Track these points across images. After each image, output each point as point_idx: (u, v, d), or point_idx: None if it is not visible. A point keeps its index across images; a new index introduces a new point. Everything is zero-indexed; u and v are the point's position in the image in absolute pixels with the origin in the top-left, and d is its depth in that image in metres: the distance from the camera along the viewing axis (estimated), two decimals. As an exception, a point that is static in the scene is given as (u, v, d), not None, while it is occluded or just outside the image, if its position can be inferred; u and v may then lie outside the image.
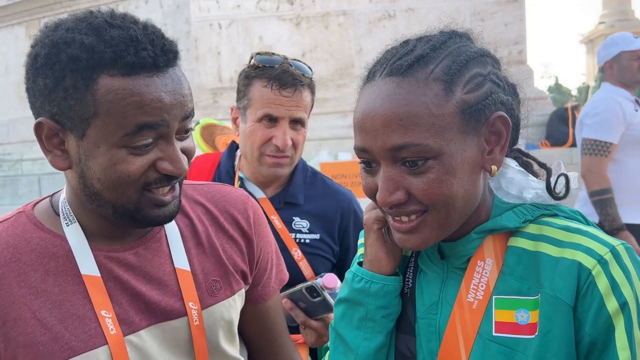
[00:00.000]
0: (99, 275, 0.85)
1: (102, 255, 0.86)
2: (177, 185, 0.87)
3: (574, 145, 5.80)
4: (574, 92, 21.72)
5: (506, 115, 0.78)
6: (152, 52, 0.78)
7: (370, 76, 0.80)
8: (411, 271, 0.89)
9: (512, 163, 0.85)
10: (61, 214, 0.88)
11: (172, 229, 0.94)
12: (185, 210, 0.97)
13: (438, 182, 0.74)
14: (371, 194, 0.80)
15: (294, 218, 1.49)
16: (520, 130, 0.86)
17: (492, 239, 0.81)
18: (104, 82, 0.77)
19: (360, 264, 0.89)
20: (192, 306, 0.90)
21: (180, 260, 0.92)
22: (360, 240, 0.95)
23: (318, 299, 1.22)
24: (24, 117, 7.01)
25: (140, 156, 0.79)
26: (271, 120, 1.42)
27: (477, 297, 0.79)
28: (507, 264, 0.79)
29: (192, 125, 0.87)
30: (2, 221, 0.88)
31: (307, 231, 1.49)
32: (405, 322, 0.87)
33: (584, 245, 0.75)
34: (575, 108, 5.17)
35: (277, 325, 1.10)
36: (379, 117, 0.75)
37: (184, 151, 0.85)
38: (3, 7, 6.98)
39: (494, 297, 0.79)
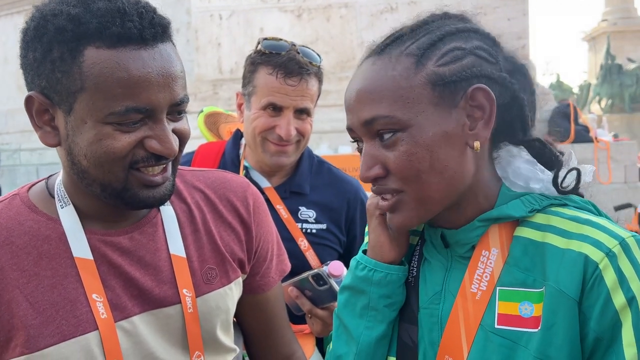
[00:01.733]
0: (91, 258, 0.84)
1: (96, 239, 0.85)
2: (169, 166, 0.84)
3: (575, 141, 5.81)
4: (576, 90, 21.70)
5: (487, 88, 0.74)
6: (139, 24, 0.76)
7: (359, 62, 0.82)
8: (416, 260, 0.87)
9: (522, 152, 0.82)
10: (56, 196, 0.87)
11: (168, 214, 0.92)
12: (183, 196, 0.96)
13: (408, 154, 0.74)
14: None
15: (300, 208, 1.46)
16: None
17: (498, 228, 0.79)
18: (90, 53, 0.75)
19: (365, 252, 0.88)
20: (187, 293, 0.88)
21: (176, 246, 0.90)
22: (367, 229, 0.93)
23: (324, 286, 1.20)
24: (22, 107, 6.98)
25: (127, 133, 0.78)
26: (275, 109, 1.38)
27: (480, 288, 0.77)
28: (512, 254, 0.77)
29: (187, 108, 0.85)
30: None
31: (314, 221, 1.46)
32: (408, 312, 0.85)
33: (592, 237, 0.72)
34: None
35: (277, 316, 1.08)
36: (354, 93, 0.78)
37: (177, 132, 0.82)
38: (2, -5, 6.94)
39: (497, 288, 0.77)
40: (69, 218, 0.85)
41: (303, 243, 1.42)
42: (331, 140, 4.97)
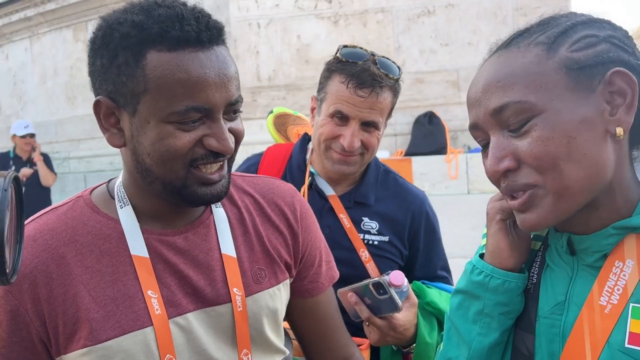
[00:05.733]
0: (147, 256, 0.87)
1: (153, 238, 0.89)
2: (225, 164, 0.88)
3: None
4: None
5: (627, 72, 0.70)
6: (196, 27, 0.80)
7: (481, 63, 0.80)
8: (537, 266, 0.83)
9: None
10: (116, 197, 0.91)
11: (220, 216, 0.95)
12: (234, 199, 0.99)
13: (544, 139, 0.69)
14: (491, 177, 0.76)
15: (363, 218, 1.44)
16: None
17: (636, 239, 0.71)
18: (152, 57, 0.80)
19: (481, 256, 0.85)
20: (237, 292, 0.91)
21: (227, 246, 0.93)
22: (484, 231, 0.89)
23: (384, 296, 1.19)
24: (71, 117, 7.27)
25: (187, 132, 0.81)
26: (342, 118, 1.36)
27: (611, 301, 0.71)
28: None
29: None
30: (61, 205, 0.92)
31: (376, 232, 1.43)
32: (525, 319, 0.81)
33: None
34: None
35: (330, 319, 1.09)
36: (480, 86, 0.75)
37: (232, 132, 0.86)
38: (52, 10, 7.26)
39: (631, 304, 0.70)
40: (127, 217, 0.89)
41: (364, 254, 1.40)
42: (369, 145, 4.95)
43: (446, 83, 4.95)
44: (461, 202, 4.49)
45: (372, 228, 1.43)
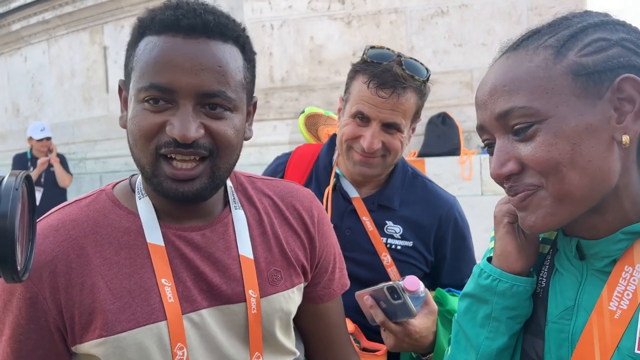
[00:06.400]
0: (162, 244, 0.88)
1: (171, 233, 0.90)
2: (202, 165, 0.85)
3: None
4: None
5: (637, 78, 0.68)
6: (182, 15, 0.82)
7: (491, 63, 0.79)
8: (546, 270, 0.82)
9: None
10: (136, 190, 0.93)
11: (239, 216, 0.96)
12: (253, 201, 0.99)
13: (547, 145, 0.68)
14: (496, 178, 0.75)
15: (386, 222, 1.41)
16: None
17: None
18: (144, 40, 0.85)
19: (489, 259, 0.84)
20: (252, 294, 0.91)
21: (245, 247, 0.94)
22: (492, 234, 0.89)
23: (399, 301, 1.17)
24: (87, 118, 7.36)
25: (154, 113, 0.82)
26: (363, 118, 1.34)
27: (620, 307, 0.70)
28: None
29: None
30: (84, 197, 0.94)
31: (400, 237, 1.40)
32: (534, 324, 0.80)
33: None
34: None
35: (337, 327, 1.09)
36: (487, 88, 0.75)
37: (211, 131, 0.83)
38: (69, 13, 7.36)
39: None
40: (145, 208, 0.91)
41: (386, 258, 1.38)
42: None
43: (460, 84, 4.93)
44: (475, 203, 4.46)
45: (396, 232, 1.40)
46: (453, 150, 4.66)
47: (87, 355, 0.86)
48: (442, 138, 4.74)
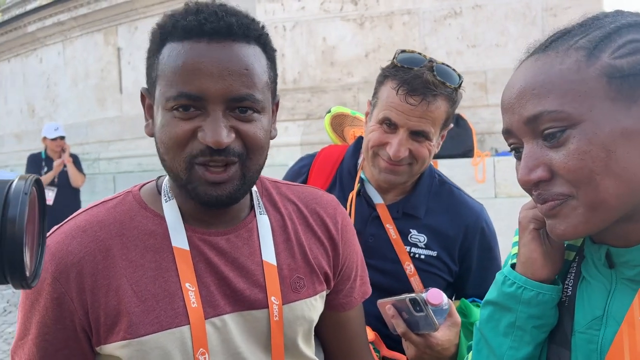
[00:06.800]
0: (187, 248, 0.88)
1: (196, 237, 0.90)
2: (234, 168, 0.84)
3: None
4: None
5: None
6: (204, 19, 0.81)
7: (517, 64, 0.76)
8: (572, 278, 0.79)
9: None
10: (162, 193, 0.93)
11: (263, 222, 0.95)
12: (278, 206, 0.99)
13: (580, 153, 0.65)
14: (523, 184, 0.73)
15: (411, 230, 1.37)
16: None
17: None
18: (167, 47, 0.83)
19: (513, 266, 0.82)
20: (274, 301, 0.90)
21: (268, 253, 0.93)
22: (515, 239, 0.87)
23: (421, 313, 1.13)
24: (101, 119, 7.43)
25: (184, 121, 0.82)
26: (390, 125, 1.30)
27: None
28: None
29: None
30: (111, 199, 0.93)
31: (424, 246, 1.36)
32: (560, 333, 0.77)
33: None
34: None
35: (357, 337, 1.08)
36: (514, 91, 0.72)
37: (241, 134, 0.83)
38: (83, 15, 7.43)
39: None
40: (171, 211, 0.91)
41: (409, 267, 1.35)
42: (394, 147, 4.92)
43: (473, 85, 4.89)
44: (488, 206, 4.40)
45: (420, 241, 1.37)
46: (466, 152, 4.62)
47: (110, 357, 0.86)
48: (456, 140, 4.70)
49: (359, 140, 1.51)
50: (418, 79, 1.25)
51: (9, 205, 0.44)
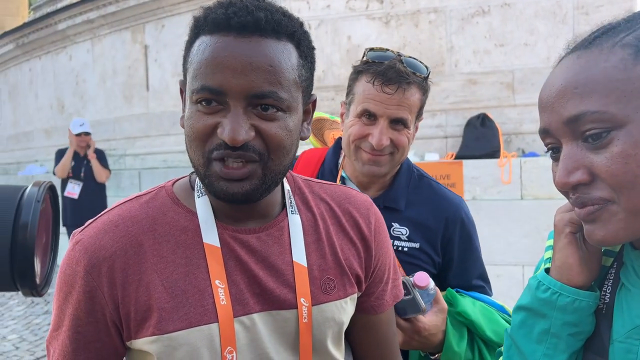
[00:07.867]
0: (218, 246, 0.88)
1: (227, 234, 0.89)
2: (253, 165, 0.83)
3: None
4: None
5: None
6: (233, 14, 0.80)
7: (557, 61, 0.73)
8: (610, 285, 0.77)
9: None
10: (195, 188, 0.93)
11: (294, 221, 0.94)
12: (310, 205, 0.98)
13: (624, 156, 0.63)
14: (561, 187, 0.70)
15: (393, 224, 1.41)
16: None
17: None
18: (199, 39, 0.84)
19: (547, 270, 0.80)
20: (304, 303, 0.89)
21: (299, 254, 0.92)
22: (549, 242, 0.85)
23: (408, 297, 1.17)
24: (127, 116, 7.54)
25: (207, 115, 0.81)
26: (370, 117, 1.36)
27: None
28: None
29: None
30: (144, 194, 0.94)
31: (406, 239, 1.41)
32: (597, 342, 0.75)
33: None
34: None
35: (388, 341, 1.06)
36: (554, 90, 0.69)
37: (262, 133, 0.82)
38: (112, 13, 7.55)
39: None
40: (203, 207, 0.90)
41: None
42: (417, 147, 4.88)
43: (500, 85, 4.81)
44: (514, 208, 4.34)
45: (402, 234, 1.41)
46: (492, 152, 4.55)
47: (140, 351, 0.87)
48: (481, 140, 4.63)
49: (339, 140, 1.56)
50: (391, 69, 1.33)
51: (21, 213, 0.44)
